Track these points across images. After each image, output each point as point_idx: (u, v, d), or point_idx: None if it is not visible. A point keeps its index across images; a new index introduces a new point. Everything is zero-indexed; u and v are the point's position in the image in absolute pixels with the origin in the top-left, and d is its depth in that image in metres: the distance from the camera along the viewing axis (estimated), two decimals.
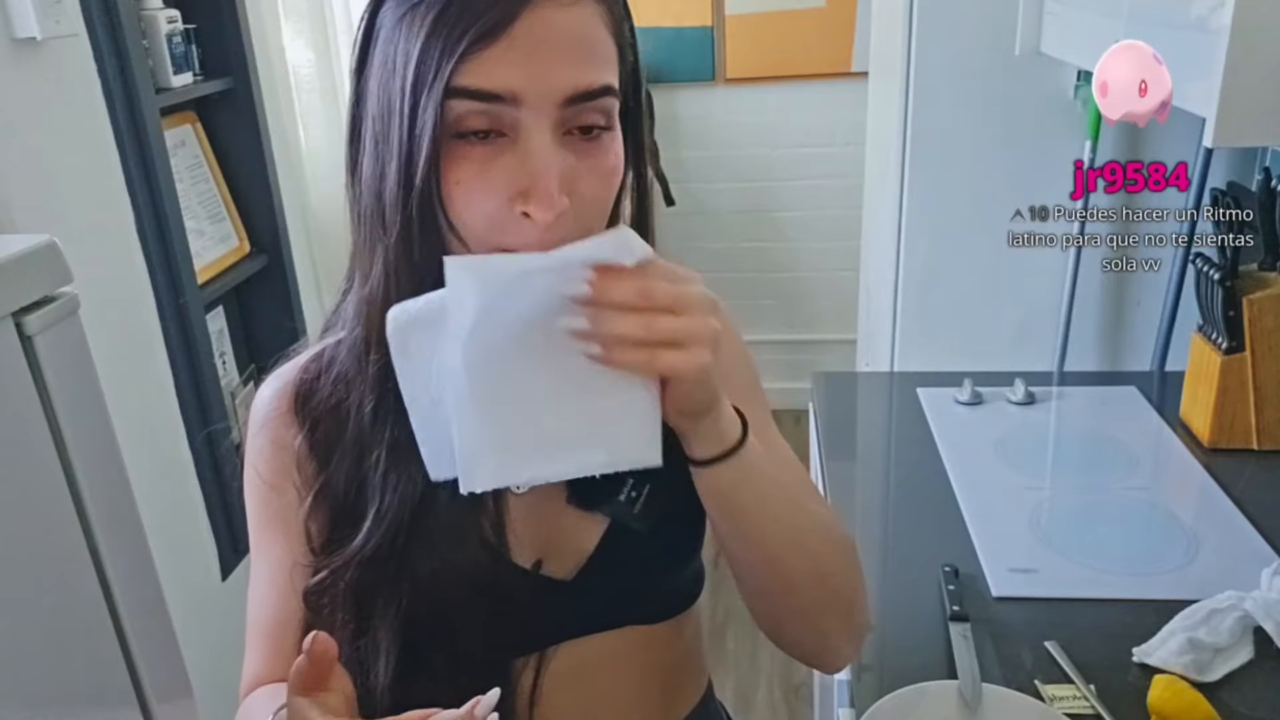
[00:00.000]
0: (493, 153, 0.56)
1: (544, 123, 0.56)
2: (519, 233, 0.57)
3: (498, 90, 0.55)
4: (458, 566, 0.64)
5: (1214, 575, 1.04)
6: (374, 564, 0.64)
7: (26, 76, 1.28)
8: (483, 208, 0.57)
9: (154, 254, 1.54)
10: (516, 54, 0.54)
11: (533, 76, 0.55)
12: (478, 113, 0.55)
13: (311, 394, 0.69)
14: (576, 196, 0.58)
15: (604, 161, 0.59)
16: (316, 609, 0.66)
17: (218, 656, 1.66)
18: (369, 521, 0.64)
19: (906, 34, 1.65)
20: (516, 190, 0.56)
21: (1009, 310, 1.78)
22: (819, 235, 3.34)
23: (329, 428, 0.67)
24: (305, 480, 0.68)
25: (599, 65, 0.58)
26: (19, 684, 0.89)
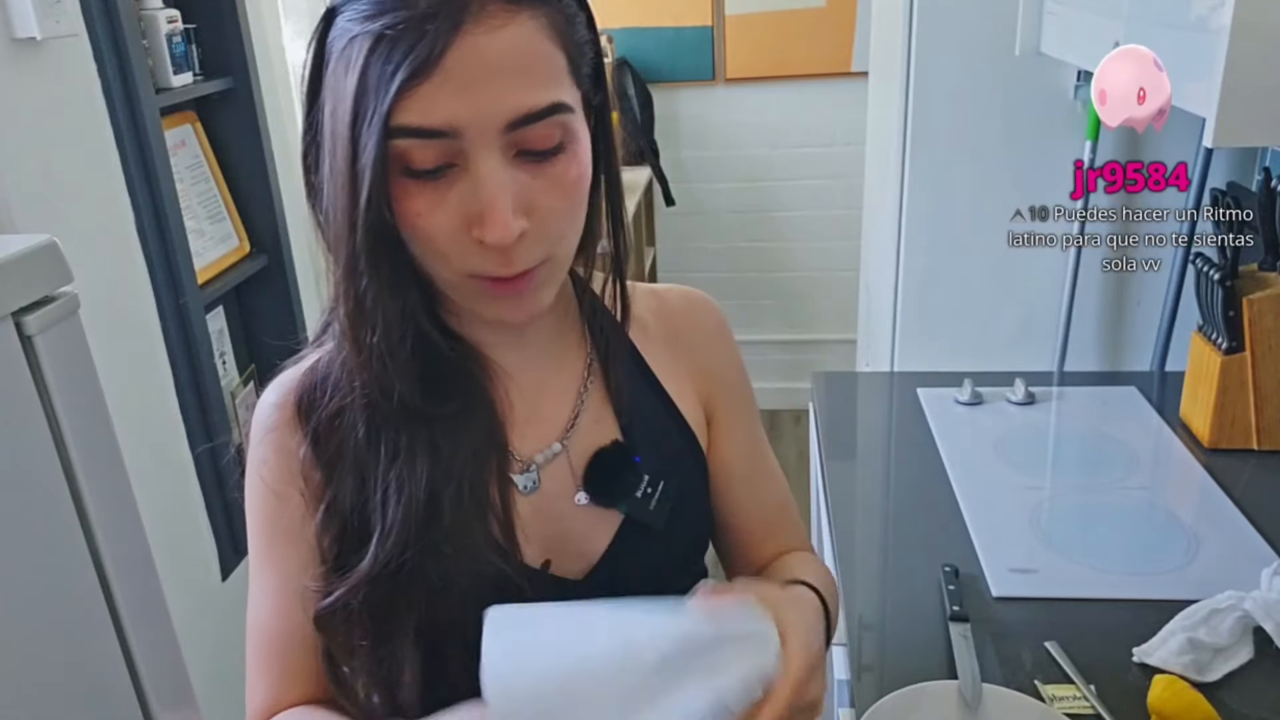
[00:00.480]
0: (446, 183, 0.56)
1: (490, 150, 0.55)
2: (483, 258, 0.58)
3: (437, 126, 0.54)
4: (468, 571, 0.64)
5: (1214, 575, 1.04)
6: (385, 580, 0.63)
7: (26, 76, 1.28)
8: (442, 237, 0.57)
9: (154, 254, 1.54)
10: (452, 86, 0.53)
11: (471, 107, 0.54)
12: (423, 148, 0.55)
13: (314, 403, 0.68)
14: (537, 214, 0.58)
15: (565, 175, 0.59)
16: (330, 631, 0.65)
17: (218, 656, 1.66)
18: (374, 542, 0.63)
19: (906, 34, 1.65)
20: (474, 217, 0.56)
21: (1009, 310, 1.78)
22: (819, 235, 3.34)
23: (331, 439, 0.66)
24: (312, 490, 0.67)
25: (542, 83, 0.56)
26: (19, 684, 0.89)
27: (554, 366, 0.73)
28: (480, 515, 0.65)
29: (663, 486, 0.71)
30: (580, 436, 0.72)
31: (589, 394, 0.73)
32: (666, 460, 0.73)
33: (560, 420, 0.72)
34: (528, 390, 0.71)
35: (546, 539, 0.70)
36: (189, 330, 1.62)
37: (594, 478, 0.70)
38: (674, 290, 0.81)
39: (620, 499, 0.70)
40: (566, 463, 0.71)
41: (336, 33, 0.57)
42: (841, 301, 3.35)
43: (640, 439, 0.73)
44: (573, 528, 0.71)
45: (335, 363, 0.67)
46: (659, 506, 0.71)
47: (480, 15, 0.54)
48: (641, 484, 0.70)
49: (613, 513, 0.71)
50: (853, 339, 2.61)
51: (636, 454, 0.72)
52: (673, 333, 0.78)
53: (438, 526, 0.63)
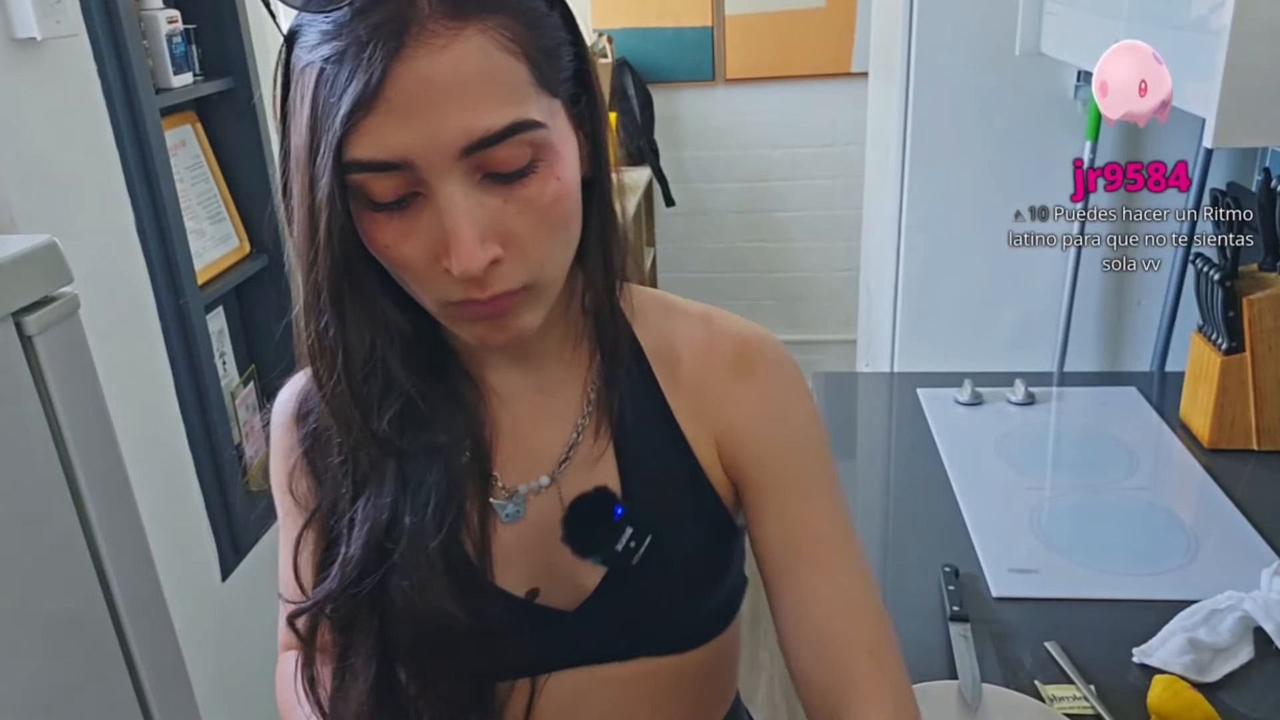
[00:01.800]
0: (413, 213, 0.53)
1: (449, 177, 0.52)
2: (457, 287, 0.54)
3: (387, 159, 0.51)
4: (428, 600, 0.61)
5: (1214, 575, 1.04)
6: (347, 601, 0.63)
7: (26, 76, 1.28)
8: (415, 267, 0.55)
9: (154, 254, 1.54)
10: (396, 117, 0.50)
11: (420, 136, 0.50)
12: (380, 180, 0.52)
13: (307, 415, 0.68)
14: (513, 239, 0.54)
15: (540, 195, 0.54)
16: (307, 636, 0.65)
17: (218, 656, 1.66)
18: (337, 566, 0.63)
19: (906, 34, 1.65)
20: (442, 246, 0.53)
21: (1009, 310, 1.78)
22: (819, 235, 3.34)
23: (317, 453, 0.66)
24: (299, 497, 0.68)
25: (500, 102, 0.51)
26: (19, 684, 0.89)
27: (552, 391, 0.68)
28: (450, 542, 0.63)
29: (650, 540, 0.64)
30: (573, 471, 0.67)
31: (586, 426, 0.67)
32: (667, 511, 0.66)
33: (554, 450, 0.67)
34: (522, 416, 0.67)
35: (534, 569, 0.67)
36: (189, 330, 1.62)
37: (572, 525, 0.65)
38: (732, 333, 0.70)
39: (596, 551, 0.65)
40: (557, 496, 0.66)
41: (298, 52, 0.55)
42: (841, 301, 3.36)
43: (638, 481, 0.67)
44: (563, 562, 0.66)
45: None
46: (643, 562, 0.64)
47: (420, 36, 0.50)
48: (623, 537, 0.64)
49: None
50: (853, 339, 2.61)
51: (626, 502, 0.65)
52: (707, 381, 0.68)
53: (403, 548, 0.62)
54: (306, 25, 0.54)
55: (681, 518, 0.67)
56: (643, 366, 0.68)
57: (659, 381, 0.68)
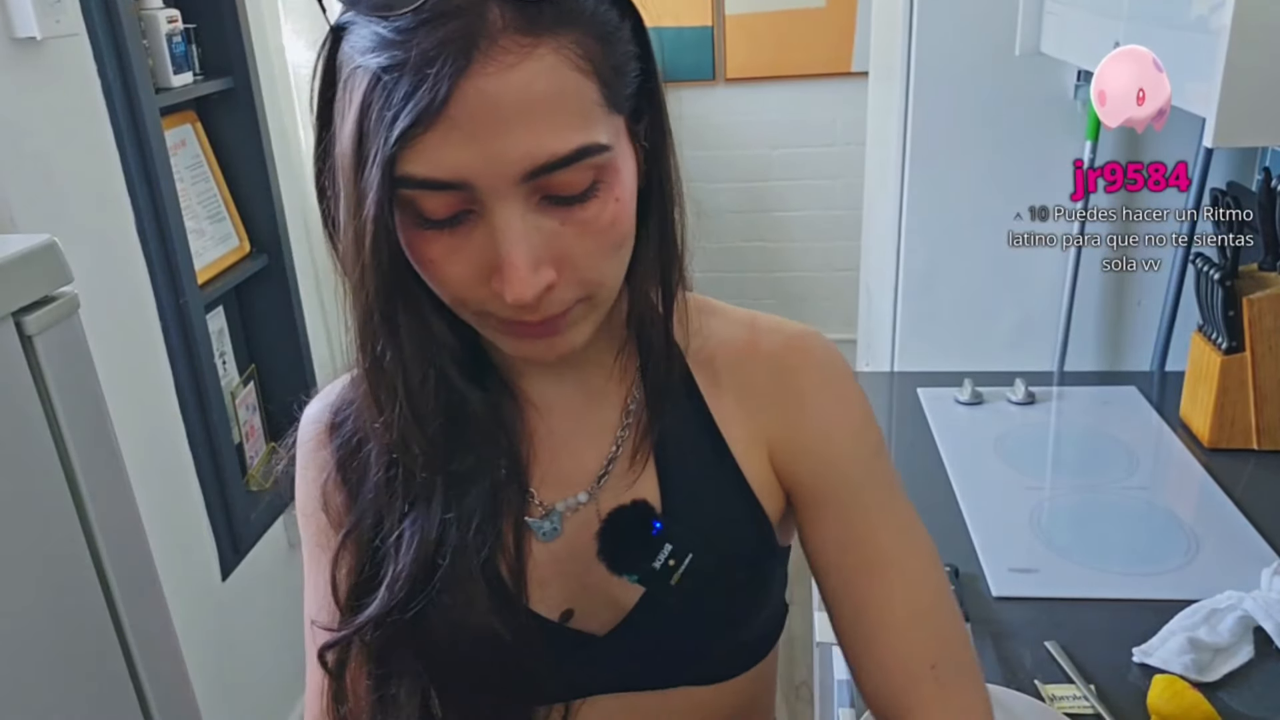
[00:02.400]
0: (464, 230, 0.50)
1: (508, 200, 0.49)
2: (506, 308, 0.52)
3: (445, 179, 0.48)
4: (471, 619, 0.60)
5: (1214, 575, 1.04)
6: (390, 625, 0.60)
7: (26, 76, 1.28)
8: (461, 284, 0.52)
9: (154, 254, 1.54)
10: (459, 136, 0.47)
11: (482, 159, 0.47)
12: (433, 198, 0.49)
13: (341, 427, 0.65)
14: (569, 262, 0.52)
15: (598, 218, 0.52)
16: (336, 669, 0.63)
17: (218, 656, 1.66)
18: (384, 586, 0.60)
19: (906, 34, 1.65)
20: (494, 265, 0.50)
21: (1009, 310, 1.78)
22: (819, 235, 3.34)
23: (352, 467, 0.63)
24: (333, 515, 0.65)
25: (567, 125, 0.48)
26: (19, 684, 0.89)
27: (592, 403, 0.65)
28: (487, 562, 0.61)
29: (691, 559, 0.61)
30: (611, 486, 0.64)
31: (626, 439, 0.64)
32: (711, 528, 0.63)
33: (593, 465, 0.65)
34: (560, 429, 0.65)
35: (569, 590, 0.64)
36: (189, 330, 1.62)
37: (608, 539, 0.62)
38: (779, 330, 0.68)
39: (633, 568, 0.61)
40: (595, 513, 0.64)
41: (343, 58, 0.51)
42: (841, 301, 3.35)
43: (680, 497, 0.64)
44: (597, 582, 0.63)
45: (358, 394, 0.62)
46: (682, 581, 0.61)
47: (490, 53, 0.46)
48: (661, 554, 0.61)
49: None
50: (853, 339, 2.61)
51: (666, 517, 0.62)
52: (750, 379, 0.66)
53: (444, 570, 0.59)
54: (357, 24, 0.50)
55: (724, 537, 0.64)
56: (684, 374, 0.65)
57: (701, 390, 0.65)
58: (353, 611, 0.62)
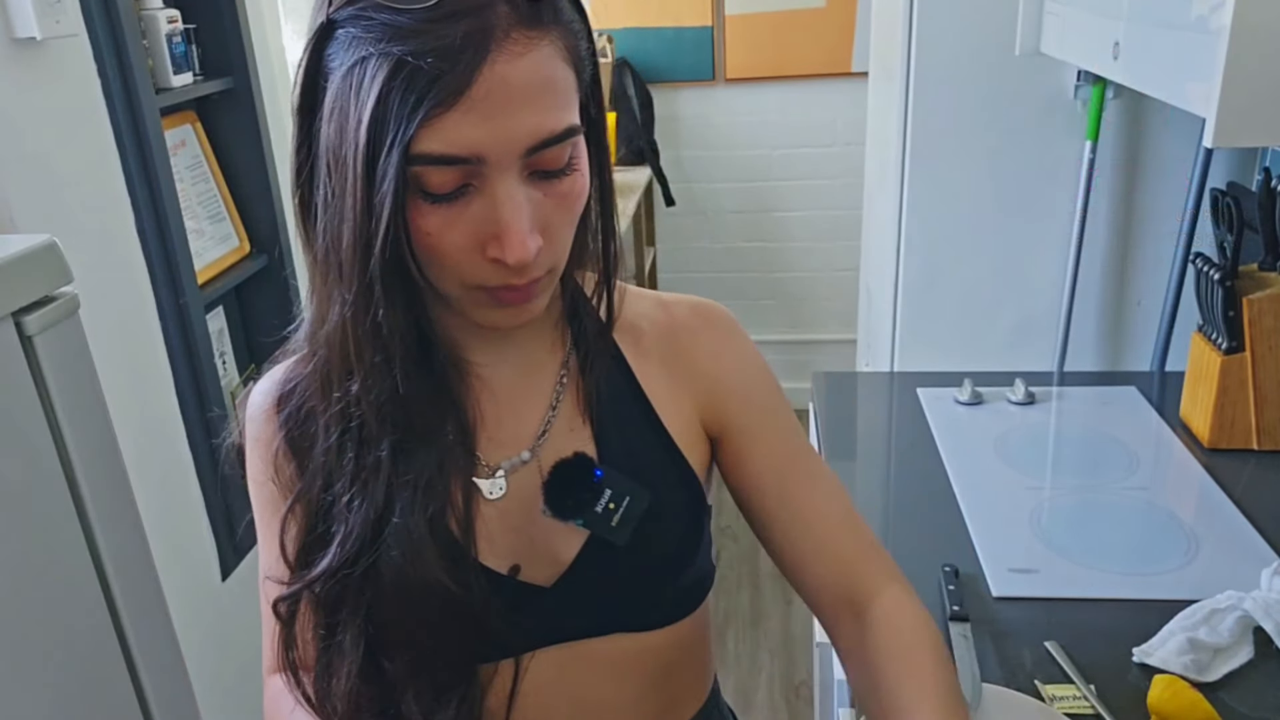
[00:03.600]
0: (462, 204, 0.57)
1: (509, 173, 0.56)
2: (494, 273, 0.59)
3: (461, 154, 0.54)
4: (419, 572, 0.64)
5: (1214, 575, 1.04)
6: (340, 579, 0.65)
7: (26, 76, 1.28)
8: (453, 256, 0.58)
9: (154, 254, 1.54)
10: (476, 115, 0.53)
11: (494, 134, 0.54)
12: (441, 173, 0.55)
13: (289, 399, 0.70)
14: (548, 230, 0.59)
15: (570, 191, 0.60)
16: (287, 618, 0.67)
17: (218, 656, 1.66)
18: (335, 544, 0.64)
19: (906, 34, 1.65)
20: (488, 236, 0.57)
21: (1009, 310, 1.78)
22: (819, 235, 3.34)
23: (301, 437, 0.68)
24: (283, 482, 0.70)
25: (560, 107, 0.57)
26: (19, 684, 0.89)
27: (530, 370, 0.72)
28: (438, 519, 0.65)
29: (628, 503, 0.68)
30: (551, 445, 0.71)
31: (563, 401, 0.72)
32: (641, 476, 0.70)
33: (532, 427, 0.71)
34: (502, 395, 0.71)
35: (515, 545, 0.70)
36: (189, 330, 1.62)
37: (553, 489, 0.68)
38: (684, 302, 0.78)
39: (577, 513, 0.68)
40: (536, 470, 0.70)
41: (338, 48, 0.56)
42: (841, 301, 3.36)
43: (614, 452, 0.71)
44: (541, 535, 0.70)
45: (307, 368, 0.68)
46: (621, 524, 0.68)
47: (504, 43, 0.54)
48: (602, 499, 0.68)
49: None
50: (853, 339, 2.61)
51: (602, 467, 0.69)
52: (672, 346, 0.76)
53: (394, 526, 0.64)
54: (359, 18, 0.54)
55: (654, 484, 0.70)
56: (611, 344, 0.74)
57: (626, 357, 0.74)
58: (304, 567, 0.66)
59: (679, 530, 0.73)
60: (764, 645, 2.45)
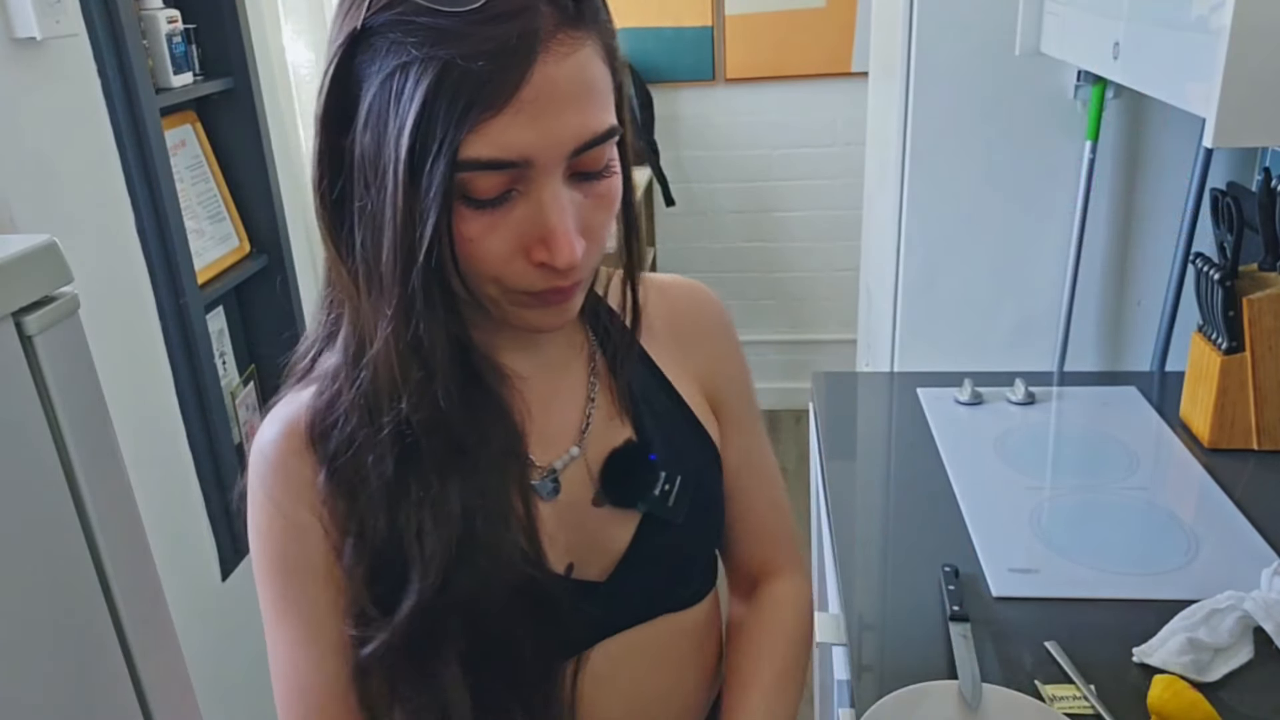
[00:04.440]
0: (506, 209, 0.56)
1: (554, 175, 0.56)
2: (540, 277, 0.58)
3: (509, 158, 0.53)
4: (504, 586, 0.63)
5: (1214, 575, 1.04)
6: (430, 613, 0.62)
7: (26, 76, 1.28)
8: (497, 260, 0.57)
9: (154, 254, 1.54)
10: (524, 118, 0.53)
11: (543, 136, 0.54)
12: (488, 178, 0.54)
13: (328, 432, 0.65)
14: (589, 230, 0.59)
15: (608, 192, 0.60)
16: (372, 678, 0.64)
17: (218, 656, 1.67)
18: (417, 577, 0.61)
19: (906, 34, 1.65)
20: (533, 240, 0.57)
21: (1009, 310, 1.78)
22: (819, 235, 3.34)
23: (351, 473, 0.64)
24: (335, 520, 0.65)
25: (602, 107, 0.57)
26: (19, 684, 0.89)
27: (562, 370, 0.73)
28: (506, 525, 0.64)
29: (680, 481, 0.71)
30: (595, 438, 0.72)
31: (598, 395, 0.73)
32: (680, 455, 0.73)
33: (573, 423, 0.72)
34: (541, 396, 0.71)
35: (569, 543, 0.70)
36: (189, 330, 1.62)
37: (611, 479, 0.70)
38: (678, 283, 0.80)
39: (638, 498, 0.70)
40: (584, 465, 0.71)
41: (373, 55, 0.54)
42: (841, 301, 3.35)
43: (653, 436, 0.73)
44: (594, 530, 0.71)
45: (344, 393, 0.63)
46: (678, 501, 0.71)
47: (551, 44, 0.53)
48: (659, 481, 0.70)
49: (631, 512, 0.71)
50: (853, 339, 2.61)
51: (651, 451, 0.72)
52: (677, 328, 0.78)
53: (470, 545, 0.62)
54: (398, 23, 0.53)
55: (692, 461, 0.75)
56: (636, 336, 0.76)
57: (642, 344, 0.76)
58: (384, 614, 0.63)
59: (716, 500, 0.78)
60: None
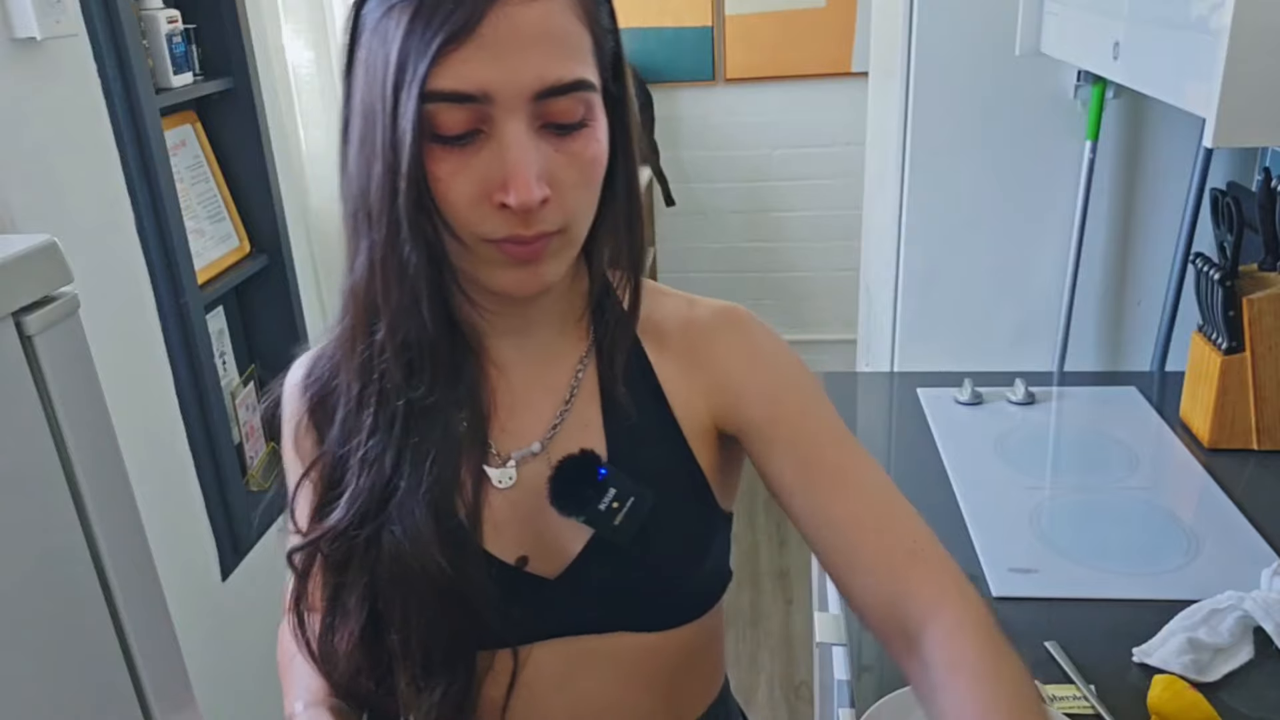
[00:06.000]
0: (472, 150, 0.59)
1: (517, 117, 0.58)
2: (502, 223, 0.60)
3: (470, 90, 0.57)
4: (417, 552, 0.65)
5: (1214, 575, 1.04)
6: (346, 539, 0.67)
7: (26, 76, 1.28)
8: (463, 202, 0.59)
9: (154, 254, 1.54)
10: (486, 53, 0.56)
11: (503, 73, 0.57)
12: (452, 112, 0.57)
13: (313, 374, 0.73)
14: (558, 186, 0.60)
15: (584, 151, 0.61)
16: (301, 571, 0.70)
17: (218, 656, 1.66)
18: (343, 501, 0.67)
19: (906, 34, 1.65)
20: (496, 183, 0.59)
21: (1009, 310, 1.78)
22: (819, 235, 3.34)
23: (324, 408, 0.71)
24: (303, 455, 0.73)
25: (570, 58, 0.59)
26: (19, 684, 0.89)
27: (549, 362, 0.72)
28: (443, 502, 0.66)
29: (632, 503, 0.67)
30: (562, 439, 0.71)
31: (578, 396, 0.72)
32: (650, 477, 0.69)
33: (545, 419, 0.71)
34: (519, 385, 0.71)
35: (524, 536, 0.70)
36: (189, 330, 1.62)
37: (558, 484, 0.68)
38: (710, 304, 0.76)
39: (580, 509, 0.67)
40: (547, 462, 0.70)
41: (369, 8, 0.60)
42: (841, 301, 3.36)
43: (624, 450, 0.70)
44: (550, 528, 0.70)
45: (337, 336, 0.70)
46: (625, 522, 0.67)
47: None
48: (606, 497, 0.67)
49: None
50: (853, 339, 2.61)
51: (612, 465, 0.69)
52: (690, 345, 0.74)
53: (402, 500, 0.66)
54: None
55: (663, 485, 0.70)
56: (633, 340, 0.73)
57: (648, 355, 0.73)
58: (318, 523, 0.69)
59: (685, 534, 0.72)
60: (764, 645, 2.45)
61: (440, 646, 0.68)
